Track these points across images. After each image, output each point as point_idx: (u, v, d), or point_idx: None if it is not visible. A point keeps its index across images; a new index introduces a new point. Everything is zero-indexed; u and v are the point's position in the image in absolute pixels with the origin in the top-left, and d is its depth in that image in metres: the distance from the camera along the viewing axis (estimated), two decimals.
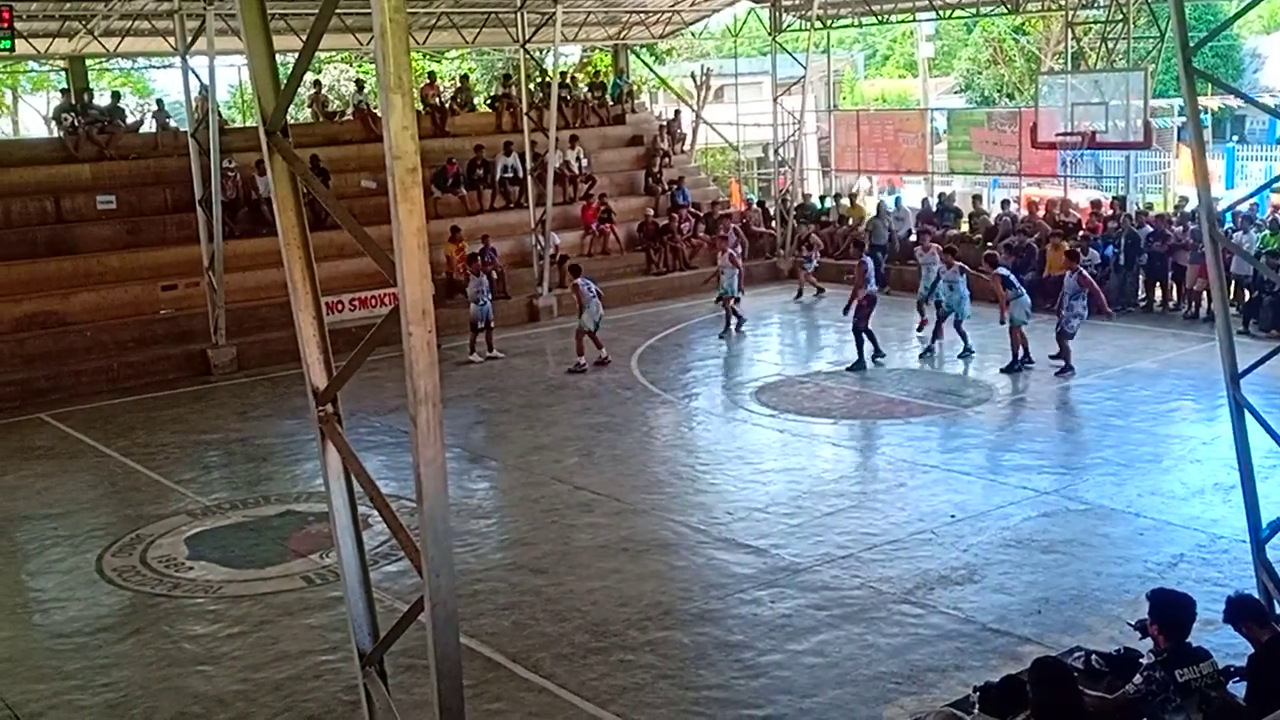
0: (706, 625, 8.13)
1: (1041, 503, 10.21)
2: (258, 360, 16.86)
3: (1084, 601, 8.21)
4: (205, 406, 15.23)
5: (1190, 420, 12.65)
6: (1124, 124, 18.36)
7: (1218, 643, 5.83)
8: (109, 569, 9.71)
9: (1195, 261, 16.67)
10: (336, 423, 4.08)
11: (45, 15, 18.63)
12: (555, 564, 9.39)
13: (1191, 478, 10.65)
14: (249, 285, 17.61)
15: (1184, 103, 6.60)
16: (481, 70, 35.42)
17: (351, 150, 20.93)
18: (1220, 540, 9.05)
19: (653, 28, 26.53)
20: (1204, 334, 15.67)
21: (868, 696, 7.08)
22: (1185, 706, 4.95)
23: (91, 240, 18.25)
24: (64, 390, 15.80)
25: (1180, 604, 5.26)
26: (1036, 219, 20.25)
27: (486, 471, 12.32)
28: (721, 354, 16.98)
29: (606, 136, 24.52)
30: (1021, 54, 35.08)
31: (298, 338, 4.05)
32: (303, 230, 4.01)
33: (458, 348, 17.08)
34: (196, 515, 10.99)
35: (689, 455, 12.40)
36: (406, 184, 3.40)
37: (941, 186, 23.80)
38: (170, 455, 13.00)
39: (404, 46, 3.34)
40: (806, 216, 23.64)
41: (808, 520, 10.06)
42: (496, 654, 7.81)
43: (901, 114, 27.03)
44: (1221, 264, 6.82)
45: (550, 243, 19.85)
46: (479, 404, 14.74)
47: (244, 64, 4.03)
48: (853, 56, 43.59)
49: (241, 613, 8.76)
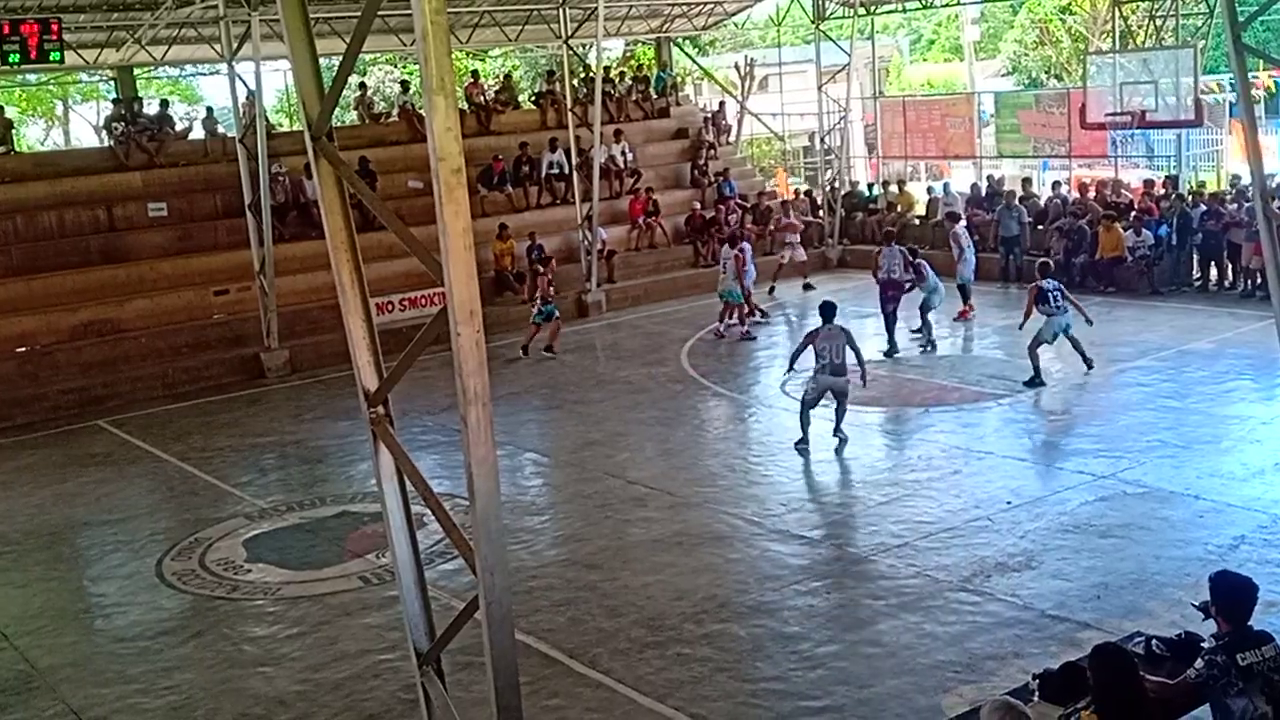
0: (762, 617, 8.11)
1: (1098, 487, 10.05)
2: (310, 363, 17.10)
3: (1144, 586, 8.08)
4: (259, 410, 15.45)
5: (1249, 400, 12.37)
6: (1174, 102, 18.00)
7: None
8: (169, 573, 9.88)
9: (1250, 240, 16.29)
10: (388, 424, 4.13)
11: (93, 26, 18.97)
12: (610, 559, 9.42)
13: (1251, 458, 10.42)
14: (300, 288, 17.84)
15: (1234, 79, 6.47)
16: (525, 67, 35.62)
17: (398, 151, 21.10)
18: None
19: (695, 20, 26.44)
20: (1261, 312, 15.26)
21: (926, 686, 7.03)
22: (1248, 690, 4.85)
23: (144, 247, 18.55)
24: (120, 397, 16.11)
25: (1241, 587, 5.15)
26: (1088, 201, 19.90)
27: (539, 468, 12.39)
28: (771, 345, 16.90)
29: (651, 130, 24.49)
30: (1068, 34, 34.47)
31: (348, 340, 4.10)
32: (350, 233, 4.07)
33: (508, 345, 17.20)
34: (253, 518, 11.15)
35: (741, 447, 12.38)
36: (451, 185, 3.42)
37: (991, 170, 23.48)
38: (226, 459, 13.22)
39: (446, 48, 3.37)
40: (855, 204, 23.48)
41: (862, 510, 10.00)
42: (553, 650, 7.85)
43: (948, 99, 26.64)
44: (1276, 241, 6.67)
45: (598, 238, 19.90)
46: (531, 400, 14.83)
47: (290, 69, 4.08)
48: (898, 42, 43.11)
49: (300, 614, 8.87)
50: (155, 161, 19.64)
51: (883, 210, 22.95)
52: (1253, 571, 6.68)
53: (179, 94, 33.62)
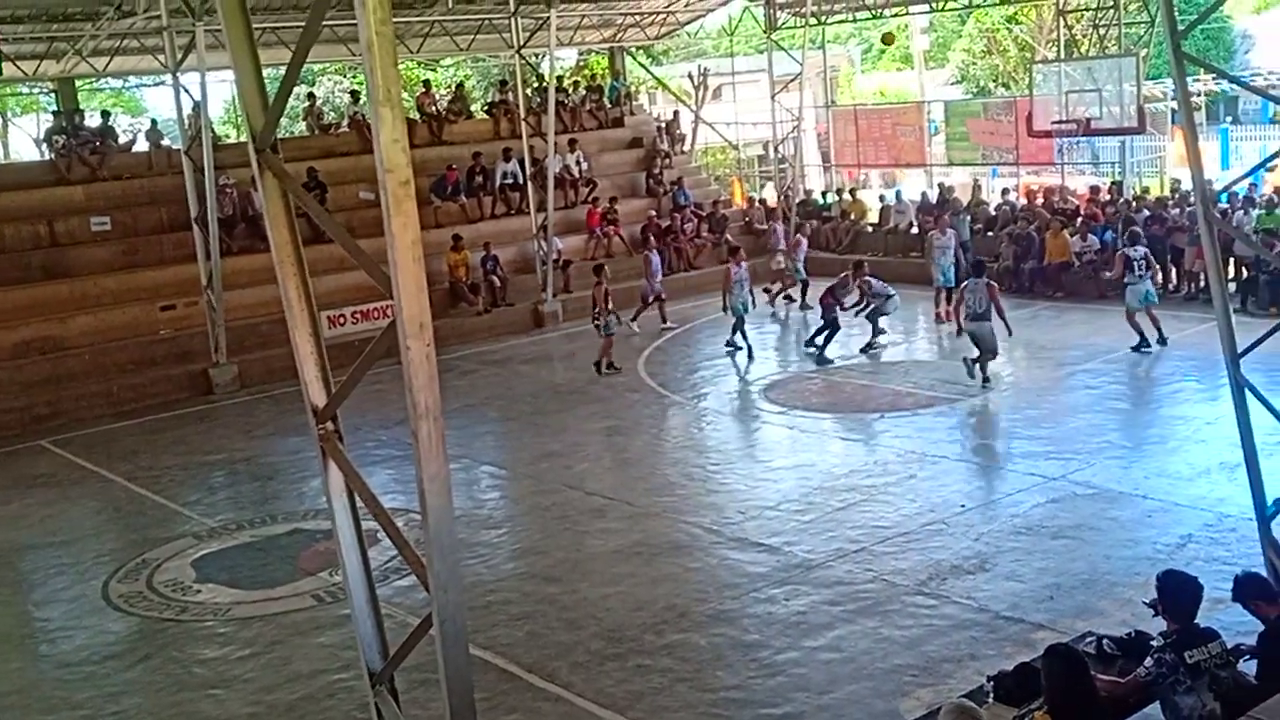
0: (722, 626, 8.12)
1: (1050, 489, 10.19)
2: (260, 378, 16.84)
3: (1095, 585, 8.19)
4: (208, 426, 15.22)
5: (1193, 401, 12.62)
6: (1118, 109, 18.33)
7: (1228, 621, 5.81)
8: (115, 595, 9.67)
9: (1193, 244, 16.63)
10: (338, 440, 4.06)
11: (33, 37, 18.65)
12: (568, 571, 9.38)
13: (1197, 458, 10.62)
14: (249, 302, 17.58)
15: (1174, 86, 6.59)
16: (478, 77, 35.50)
17: (349, 162, 20.91)
18: (1227, 519, 9.02)
19: (648, 29, 26.54)
20: (1204, 314, 15.58)
21: (884, 690, 7.07)
22: (1196, 688, 4.95)
23: (87, 263, 18.21)
24: (64, 416, 15.78)
25: (1186, 586, 5.25)
26: (1035, 207, 20.21)
27: (496, 481, 12.31)
28: (728, 353, 16.95)
29: (606, 139, 24.52)
30: (1015, 43, 35.03)
31: (295, 356, 4.04)
32: (296, 247, 4.00)
33: (463, 358, 17.09)
34: (203, 537, 10.96)
35: (699, 456, 12.39)
36: (400, 197, 3.38)
37: (941, 178, 23.77)
38: (174, 477, 13.00)
39: (392, 59, 3.32)
40: (809, 213, 23.66)
41: (819, 516, 10.05)
42: (511, 665, 7.79)
43: (899, 108, 26.95)
44: (1217, 245, 6.80)
45: (553, 248, 19.86)
46: (487, 412, 14.74)
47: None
48: (849, 52, 43.53)
49: (252, 634, 8.73)
50: (98, 175, 19.32)
51: (836, 218, 23.13)
52: (1199, 569, 6.80)
53: (122, 106, 33.09)
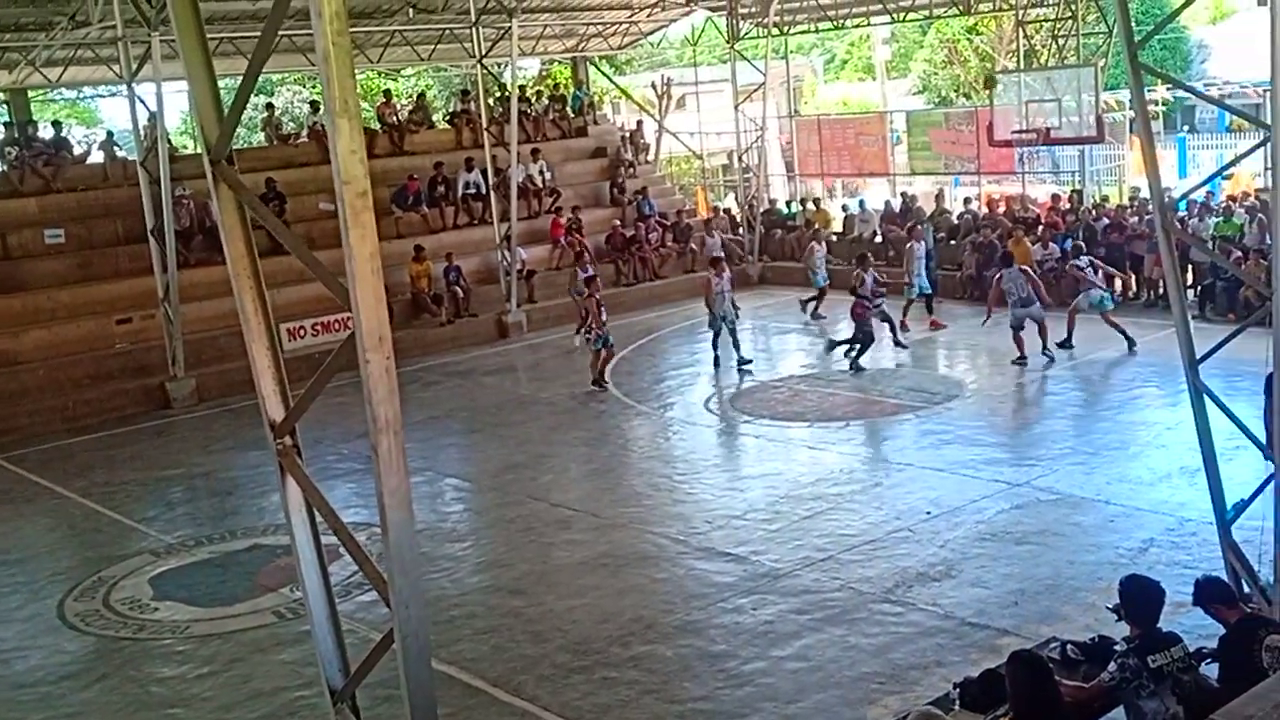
0: (689, 637, 8.08)
1: (1014, 495, 10.26)
2: (218, 391, 16.59)
3: (1059, 591, 8.25)
4: (166, 441, 14.98)
5: (1154, 406, 12.76)
6: (1077, 119, 18.58)
7: (1190, 625, 5.87)
8: (71, 614, 9.48)
9: (1151, 251, 16.86)
10: (296, 455, 4.01)
11: None
12: (534, 584, 9.31)
13: (1157, 463, 10.74)
14: (207, 314, 17.28)
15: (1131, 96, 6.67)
16: (439, 86, 35.36)
17: (308, 172, 20.70)
18: (1188, 523, 9.11)
19: (610, 39, 26.57)
20: (1163, 321, 15.78)
21: (851, 698, 7.06)
22: (1159, 692, 4.98)
23: (41, 276, 17.90)
24: (18, 431, 15.45)
25: (1149, 590, 5.29)
26: (997, 215, 20.42)
27: (460, 493, 12.21)
28: (694, 363, 16.97)
29: (569, 149, 24.48)
30: (976, 54, 35.42)
31: (252, 369, 3.98)
32: (253, 259, 3.95)
33: (425, 369, 16.97)
34: (160, 554, 10.77)
35: (666, 466, 12.36)
36: (358, 209, 3.36)
37: (904, 187, 23.98)
38: (131, 493, 12.77)
39: (349, 70, 3.30)
40: (774, 221, 23.78)
41: (786, 525, 10.04)
42: (476, 680, 7.71)
43: (861, 118, 27.18)
44: (1174, 253, 6.88)
45: (517, 258, 19.79)
46: (451, 424, 14.63)
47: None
48: (812, 62, 43.86)
49: (211, 652, 8.58)
50: (52, 187, 18.99)
51: (801, 227, 23.25)
52: (1161, 573, 6.86)
53: (77, 117, 32.68)
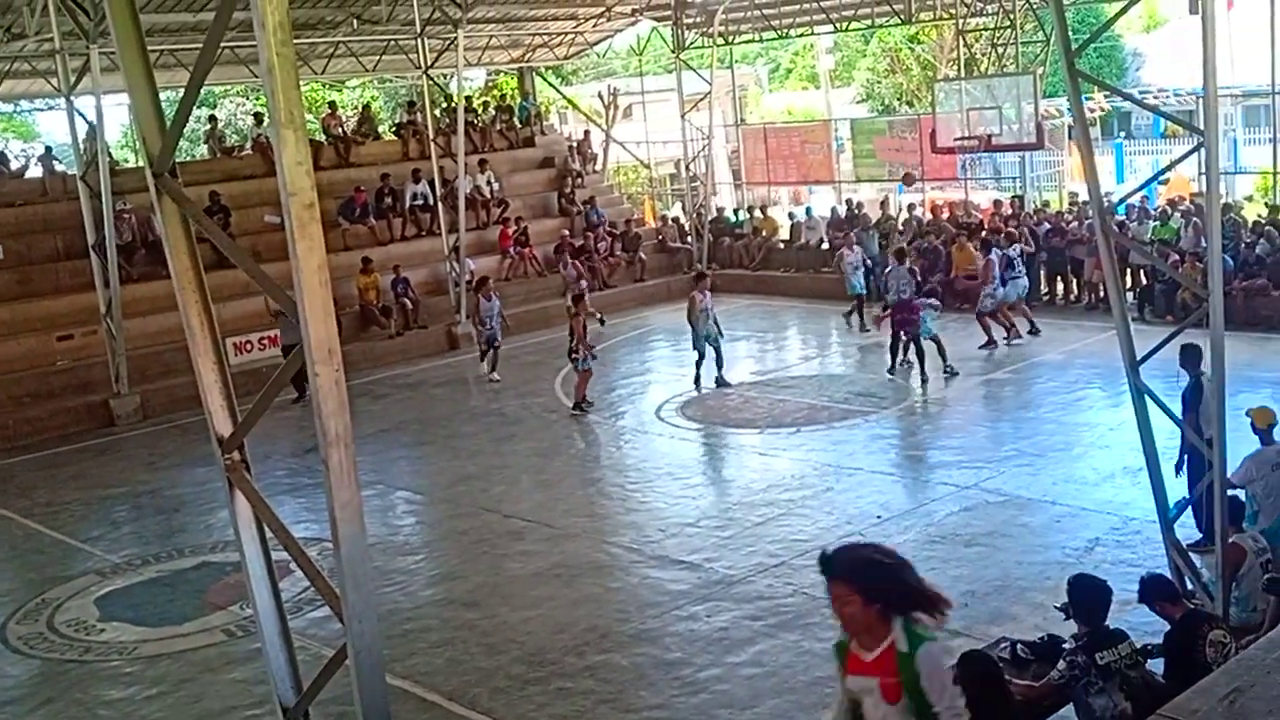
0: (644, 645, 8.09)
1: (962, 497, 10.40)
2: (164, 407, 16.26)
3: (1008, 591, 8.37)
4: (110, 459, 14.67)
5: (1097, 407, 13.01)
6: (1018, 126, 18.91)
7: (1136, 622, 5.99)
8: (14, 637, 9.26)
9: (1091, 255, 17.20)
10: (245, 470, 3.96)
11: None
12: (488, 596, 9.25)
13: (1101, 463, 10.94)
14: (150, 330, 17.02)
15: (1069, 103, 6.82)
16: (384, 98, 35.09)
17: (253, 185, 20.43)
18: (1132, 522, 9.29)
19: (556, 49, 26.57)
20: (1104, 323, 16.08)
21: (806, 703, 7.10)
22: (1107, 688, 5.08)
23: None
24: None
25: (1095, 589, 5.40)
26: (941, 221, 20.72)
27: (412, 506, 12.11)
28: (645, 371, 16.99)
29: (517, 160, 24.43)
30: (917, 62, 35.93)
31: (199, 385, 3.92)
32: (198, 273, 3.89)
33: (375, 382, 16.81)
34: (106, 574, 10.55)
35: (618, 475, 12.36)
36: (304, 220, 3.32)
37: (849, 194, 24.23)
38: (75, 513, 12.50)
39: (294, 81, 3.26)
40: (722, 230, 23.91)
41: (739, 531, 10.09)
42: (431, 693, 7.65)
43: (806, 126, 27.43)
44: (1114, 257, 7.05)
45: (465, 269, 19.69)
46: (401, 437, 14.50)
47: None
48: (756, 71, 44.19)
49: (160, 673, 8.43)
50: None
51: (749, 235, 23.41)
52: (1107, 572, 7.00)
53: (13, 130, 31.99)
